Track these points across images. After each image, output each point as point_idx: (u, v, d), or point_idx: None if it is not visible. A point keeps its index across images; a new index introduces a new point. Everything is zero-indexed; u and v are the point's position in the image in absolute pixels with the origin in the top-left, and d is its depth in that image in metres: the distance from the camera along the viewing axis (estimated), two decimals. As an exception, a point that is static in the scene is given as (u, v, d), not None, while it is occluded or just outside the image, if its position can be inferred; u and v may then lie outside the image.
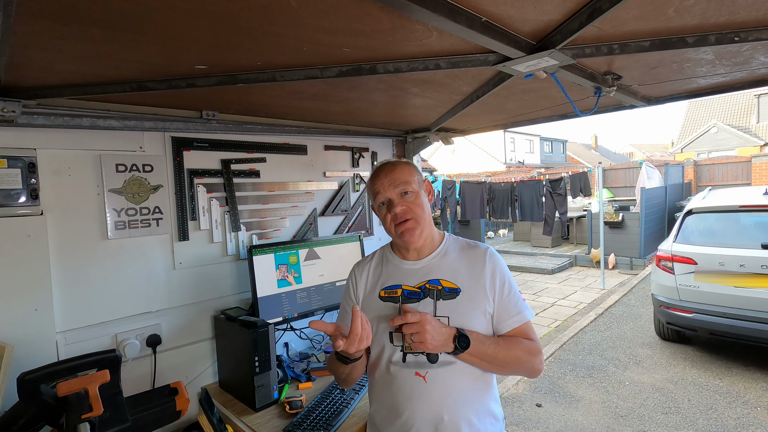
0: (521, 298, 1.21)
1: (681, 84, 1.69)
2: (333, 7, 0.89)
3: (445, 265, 1.21)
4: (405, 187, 1.19)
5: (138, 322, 1.66)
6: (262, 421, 1.52)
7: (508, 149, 25.79)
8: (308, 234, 2.25)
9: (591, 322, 5.53)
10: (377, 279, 1.29)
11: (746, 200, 4.18)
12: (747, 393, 3.57)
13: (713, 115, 22.55)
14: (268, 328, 1.61)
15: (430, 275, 1.20)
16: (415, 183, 1.22)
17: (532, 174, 12.54)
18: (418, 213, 1.19)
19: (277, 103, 1.72)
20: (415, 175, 1.23)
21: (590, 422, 3.28)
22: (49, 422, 1.07)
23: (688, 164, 13.76)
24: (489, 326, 1.18)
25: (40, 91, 1.29)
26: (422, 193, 1.24)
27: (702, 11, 1.00)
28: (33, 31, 0.90)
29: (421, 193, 1.23)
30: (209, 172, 1.88)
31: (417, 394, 1.14)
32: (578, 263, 9.13)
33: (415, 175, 1.23)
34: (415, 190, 1.21)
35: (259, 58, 1.18)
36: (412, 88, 1.59)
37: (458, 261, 1.22)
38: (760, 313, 3.64)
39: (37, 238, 1.42)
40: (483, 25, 1.00)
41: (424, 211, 1.21)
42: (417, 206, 1.20)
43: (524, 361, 1.16)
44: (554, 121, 2.36)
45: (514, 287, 1.20)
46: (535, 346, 1.18)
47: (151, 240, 1.71)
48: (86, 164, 1.55)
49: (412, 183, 1.20)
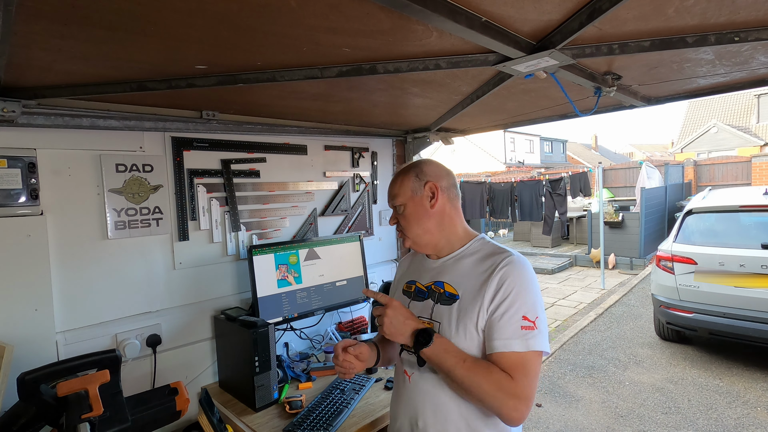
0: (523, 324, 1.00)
1: (681, 84, 1.69)
2: (333, 7, 0.89)
3: (457, 269, 1.15)
4: (395, 201, 1.20)
5: (138, 322, 1.66)
6: (262, 421, 1.52)
7: (508, 149, 25.79)
8: (308, 234, 2.25)
9: (591, 322, 5.53)
10: (407, 271, 1.33)
11: (746, 200, 4.18)
12: (747, 393, 3.57)
13: (713, 115, 22.54)
14: (268, 328, 1.61)
15: (439, 276, 1.18)
16: (405, 195, 1.18)
17: (532, 174, 12.55)
18: (405, 225, 1.19)
19: (277, 103, 1.72)
20: (406, 185, 1.18)
21: (590, 422, 3.28)
22: (49, 422, 1.07)
23: (688, 164, 13.76)
24: (480, 344, 1.05)
25: (40, 91, 1.29)
26: (415, 201, 1.17)
27: (702, 11, 1.00)
28: (33, 31, 0.90)
29: (410, 204, 1.17)
30: (209, 172, 1.88)
31: (402, 392, 1.19)
32: (578, 263, 9.13)
33: (406, 186, 1.18)
34: (404, 203, 1.18)
35: (259, 58, 1.18)
36: (412, 88, 1.59)
37: (471, 267, 1.13)
38: (760, 313, 3.64)
39: (37, 238, 1.42)
40: (483, 25, 1.00)
41: (410, 223, 1.18)
42: (404, 218, 1.19)
43: (488, 395, 0.98)
44: (554, 121, 2.36)
45: (518, 308, 1.01)
46: (512, 386, 0.96)
47: (151, 240, 1.71)
48: (86, 164, 1.55)
49: (400, 196, 1.19)
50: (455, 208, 1.21)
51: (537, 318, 1.01)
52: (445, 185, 1.19)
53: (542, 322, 1.02)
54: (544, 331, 1.02)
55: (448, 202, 1.19)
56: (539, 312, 1.02)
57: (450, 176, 1.22)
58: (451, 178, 1.23)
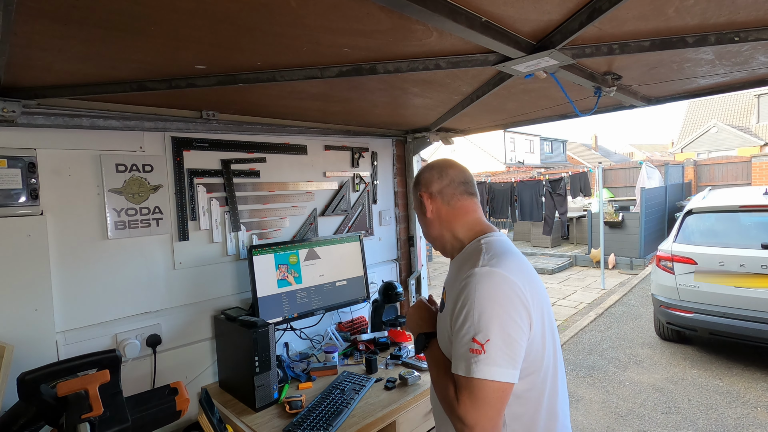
0: (471, 347, 0.91)
1: (681, 84, 1.69)
2: (333, 7, 0.89)
3: (450, 274, 1.16)
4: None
5: (138, 322, 1.66)
6: (262, 421, 1.52)
7: (508, 149, 25.78)
8: (308, 234, 2.25)
9: (591, 322, 5.53)
10: None
11: (746, 200, 4.18)
12: (747, 393, 3.57)
13: (713, 115, 22.53)
14: (268, 328, 1.61)
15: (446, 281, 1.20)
16: (414, 206, 1.26)
17: (532, 174, 12.54)
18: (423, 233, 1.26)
19: (277, 103, 1.72)
20: (413, 197, 1.26)
21: (590, 422, 3.27)
22: (49, 422, 1.07)
23: (688, 164, 13.76)
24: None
25: (40, 91, 1.29)
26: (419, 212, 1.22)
27: (702, 11, 1.00)
28: (33, 31, 0.90)
29: (418, 213, 1.23)
30: (209, 172, 1.88)
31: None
32: (578, 263, 9.13)
33: (413, 198, 1.26)
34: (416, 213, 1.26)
35: (259, 58, 1.18)
36: (412, 88, 1.59)
37: (455, 274, 1.10)
38: (760, 313, 3.64)
39: (37, 238, 1.42)
40: (483, 25, 1.00)
41: (423, 230, 1.25)
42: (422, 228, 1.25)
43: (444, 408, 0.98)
44: (554, 121, 2.36)
45: (468, 328, 0.92)
46: (456, 408, 0.91)
47: (151, 240, 1.71)
48: (86, 164, 1.55)
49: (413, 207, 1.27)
50: (456, 207, 1.15)
51: (488, 341, 0.89)
52: (436, 189, 1.15)
53: (494, 345, 0.89)
54: (496, 356, 0.89)
55: (444, 205, 1.15)
56: (492, 334, 0.90)
57: (443, 177, 1.16)
58: (445, 178, 1.16)
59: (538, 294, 1.02)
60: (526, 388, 0.99)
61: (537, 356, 1.00)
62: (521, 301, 0.95)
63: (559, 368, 1.08)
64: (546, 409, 1.03)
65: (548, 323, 1.05)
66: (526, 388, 1.00)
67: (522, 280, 0.98)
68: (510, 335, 0.92)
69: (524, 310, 0.95)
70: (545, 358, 1.02)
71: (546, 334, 1.02)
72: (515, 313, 0.94)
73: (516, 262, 1.02)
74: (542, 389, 1.02)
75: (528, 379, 0.99)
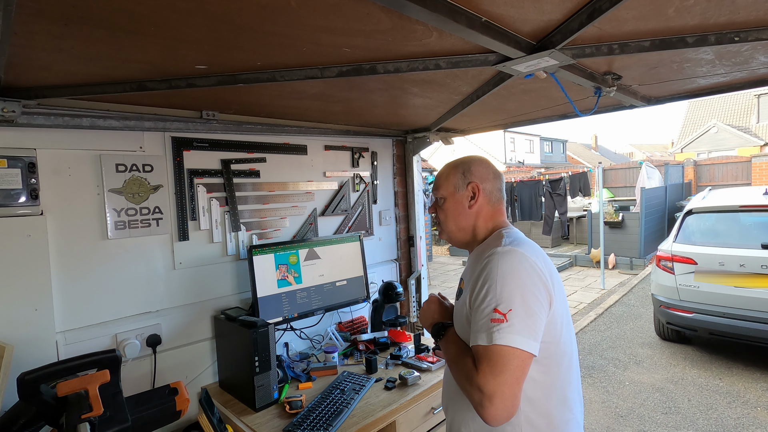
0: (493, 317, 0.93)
1: (681, 84, 1.69)
2: (333, 7, 0.89)
3: (469, 264, 1.21)
4: (437, 193, 1.24)
5: (138, 322, 1.66)
6: (262, 421, 1.53)
7: (508, 149, 25.78)
8: (308, 234, 2.25)
9: (591, 322, 5.53)
10: None
11: (746, 200, 4.18)
12: (747, 393, 3.57)
13: (713, 115, 22.54)
14: (268, 328, 1.61)
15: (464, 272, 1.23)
16: (447, 189, 1.21)
17: (532, 174, 12.54)
18: (442, 219, 1.23)
19: (277, 103, 1.72)
20: (451, 180, 1.21)
21: (590, 422, 3.27)
22: (49, 422, 1.07)
23: (688, 164, 13.76)
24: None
25: (40, 91, 1.29)
26: (455, 198, 1.20)
27: (702, 11, 1.00)
28: (33, 31, 0.90)
29: (451, 200, 1.20)
30: (209, 172, 1.88)
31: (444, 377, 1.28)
32: (578, 263, 9.13)
33: (450, 181, 1.21)
34: (444, 196, 1.22)
35: (259, 58, 1.18)
36: (412, 88, 1.59)
37: (474, 261, 1.15)
38: (760, 313, 3.64)
39: (37, 238, 1.42)
40: (483, 25, 1.00)
41: (447, 218, 1.21)
42: (442, 212, 1.23)
43: (462, 385, 0.98)
44: (554, 121, 2.36)
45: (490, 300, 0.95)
46: (476, 378, 0.91)
47: (151, 240, 1.71)
48: (86, 164, 1.55)
49: (442, 188, 1.22)
50: (495, 209, 1.20)
51: (510, 311, 0.92)
52: (489, 188, 1.19)
53: (516, 315, 0.92)
54: (518, 325, 0.92)
55: (487, 204, 1.19)
56: (515, 304, 0.93)
57: (497, 179, 1.22)
58: (498, 181, 1.22)
59: (558, 282, 1.05)
60: (542, 370, 1.01)
61: (554, 339, 1.02)
62: (541, 279, 0.99)
63: (574, 361, 1.10)
64: (558, 397, 1.04)
65: (566, 313, 1.08)
66: (542, 371, 1.01)
67: (541, 263, 1.02)
68: (531, 308, 0.95)
69: (544, 288, 0.98)
70: (561, 343, 1.04)
71: (564, 322, 1.06)
72: (535, 288, 0.97)
73: (536, 248, 1.07)
74: (556, 375, 1.04)
75: (544, 362, 1.00)
